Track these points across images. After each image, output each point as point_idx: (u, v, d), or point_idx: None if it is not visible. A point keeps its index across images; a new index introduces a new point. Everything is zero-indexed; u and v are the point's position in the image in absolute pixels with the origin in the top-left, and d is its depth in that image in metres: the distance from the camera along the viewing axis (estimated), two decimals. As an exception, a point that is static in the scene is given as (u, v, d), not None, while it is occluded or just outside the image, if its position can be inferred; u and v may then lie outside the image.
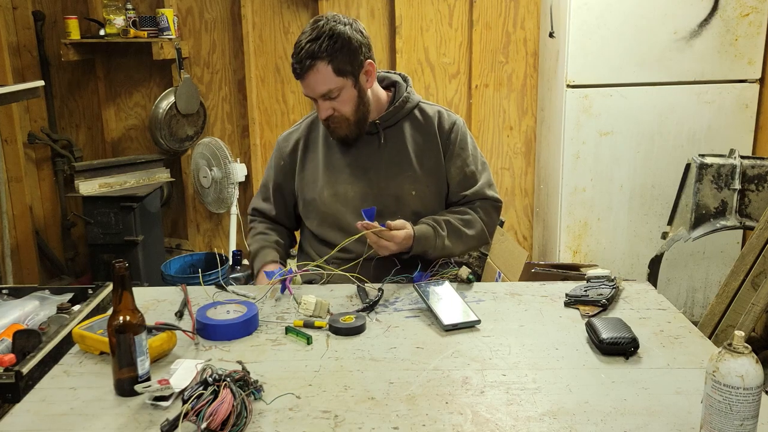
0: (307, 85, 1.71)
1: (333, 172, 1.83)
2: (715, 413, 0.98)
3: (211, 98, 3.66)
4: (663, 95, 2.96)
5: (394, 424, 1.09)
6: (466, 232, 1.80)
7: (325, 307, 1.48)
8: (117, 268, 1.18)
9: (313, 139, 1.89)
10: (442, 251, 1.76)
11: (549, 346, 1.35)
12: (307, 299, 1.48)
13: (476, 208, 1.85)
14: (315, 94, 1.72)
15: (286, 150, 1.91)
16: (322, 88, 1.70)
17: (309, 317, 1.46)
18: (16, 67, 3.44)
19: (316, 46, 1.66)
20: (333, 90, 1.70)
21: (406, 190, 1.81)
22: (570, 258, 3.12)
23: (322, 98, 1.72)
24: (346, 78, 1.71)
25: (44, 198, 3.68)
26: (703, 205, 2.57)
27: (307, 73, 1.68)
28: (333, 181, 1.82)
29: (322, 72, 1.68)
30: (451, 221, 1.79)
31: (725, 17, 2.86)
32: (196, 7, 3.54)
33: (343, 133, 1.78)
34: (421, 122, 1.85)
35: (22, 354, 1.48)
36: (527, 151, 3.55)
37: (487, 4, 3.36)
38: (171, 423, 1.05)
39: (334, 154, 1.84)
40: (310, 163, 1.87)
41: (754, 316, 2.27)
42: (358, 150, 1.83)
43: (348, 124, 1.77)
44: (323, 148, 1.86)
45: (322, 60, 1.67)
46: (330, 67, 1.68)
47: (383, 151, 1.82)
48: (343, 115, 1.75)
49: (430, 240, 1.72)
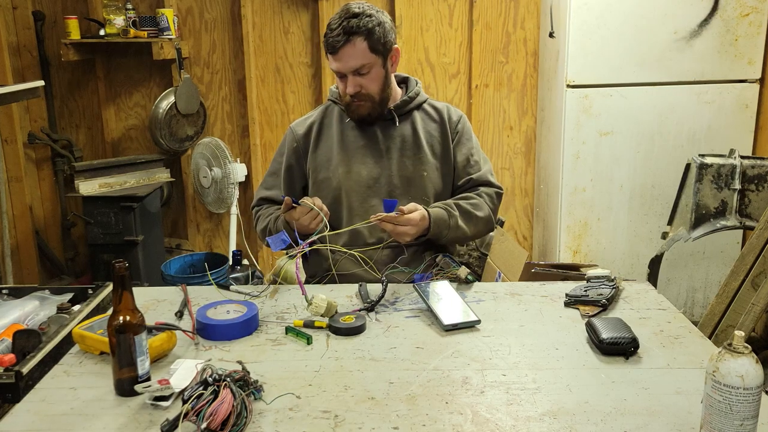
0: (341, 58, 1.76)
1: (347, 152, 1.89)
2: (715, 413, 0.98)
3: (211, 98, 3.66)
4: (663, 95, 2.96)
5: (394, 424, 1.09)
6: (476, 214, 1.84)
7: (334, 308, 1.48)
8: (117, 268, 1.18)
9: (327, 123, 1.95)
10: (456, 232, 1.80)
11: (549, 346, 1.35)
12: (318, 299, 1.47)
13: (481, 194, 1.90)
14: (347, 68, 1.77)
15: (299, 132, 1.95)
16: (356, 62, 1.76)
17: (318, 317, 1.46)
18: (16, 67, 3.44)
19: (355, 21, 1.73)
20: (365, 66, 1.77)
21: (418, 171, 1.87)
22: (570, 258, 3.12)
23: (352, 73, 1.78)
24: (378, 56, 1.78)
25: (44, 198, 3.68)
26: (703, 205, 2.57)
27: (344, 46, 1.74)
28: (347, 160, 1.88)
29: (358, 46, 1.74)
30: (460, 204, 1.84)
31: (725, 17, 2.86)
32: (196, 7, 3.54)
33: (365, 111, 1.84)
34: (432, 113, 1.95)
35: (22, 354, 1.48)
36: (527, 151, 3.55)
37: (487, 4, 3.36)
38: (171, 423, 1.05)
39: (349, 136, 1.90)
40: (324, 144, 1.92)
41: (754, 316, 2.27)
42: (372, 132, 1.89)
43: (372, 103, 1.83)
44: (337, 130, 1.91)
45: (360, 35, 1.73)
46: (366, 42, 1.74)
47: (396, 135, 1.89)
48: (369, 93, 1.82)
49: (444, 219, 1.77)
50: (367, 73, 1.78)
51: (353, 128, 1.90)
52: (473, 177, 1.91)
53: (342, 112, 1.93)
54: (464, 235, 1.84)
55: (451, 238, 1.82)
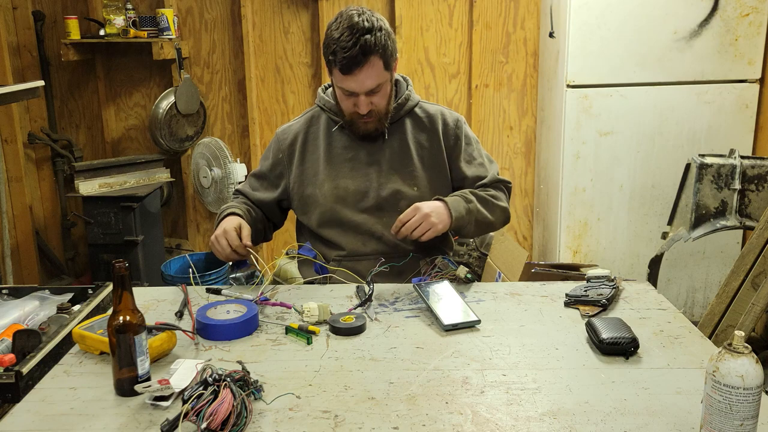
0: (357, 79, 1.64)
1: (334, 166, 1.81)
2: (715, 413, 0.98)
3: (211, 98, 3.66)
4: (663, 95, 2.96)
5: (394, 424, 1.09)
6: (494, 201, 1.80)
7: (326, 310, 1.47)
8: (117, 268, 1.18)
9: (313, 134, 1.86)
10: (478, 215, 1.74)
11: (549, 346, 1.35)
12: (309, 306, 1.46)
13: (495, 186, 1.87)
14: (363, 88, 1.66)
15: (285, 143, 1.88)
16: (372, 82, 1.66)
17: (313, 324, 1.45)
18: (16, 67, 3.44)
19: (370, 38, 1.61)
20: (381, 84, 1.68)
21: (408, 186, 1.80)
22: (570, 258, 3.12)
23: (366, 93, 1.68)
24: (389, 72, 1.70)
25: (44, 198, 3.68)
26: (703, 205, 2.57)
27: (362, 67, 1.62)
28: (334, 175, 1.81)
29: (375, 66, 1.64)
30: (475, 192, 1.79)
31: (725, 17, 2.86)
32: (196, 7, 3.54)
33: (372, 127, 1.76)
34: (423, 121, 1.86)
35: (22, 354, 1.48)
36: (527, 151, 3.55)
37: (487, 4, 3.36)
38: (171, 423, 1.05)
39: (336, 148, 1.82)
40: (311, 156, 1.85)
41: (754, 316, 2.27)
42: (360, 145, 1.82)
43: (380, 119, 1.76)
44: (324, 142, 1.84)
45: (376, 54, 1.62)
46: (381, 60, 1.64)
47: (385, 148, 1.82)
48: (379, 110, 1.73)
49: (461, 203, 1.70)
50: (379, 91, 1.69)
51: (341, 139, 1.82)
52: (485, 181, 1.86)
53: (330, 121, 1.84)
54: (486, 220, 1.77)
55: (478, 221, 1.74)
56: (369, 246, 1.79)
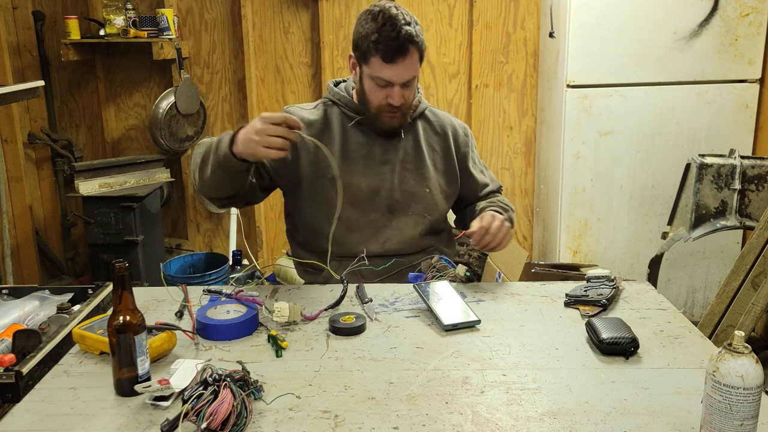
0: (399, 67, 1.64)
1: (348, 162, 1.77)
2: (715, 413, 0.98)
3: (211, 98, 3.66)
4: (663, 95, 2.96)
5: (394, 424, 1.09)
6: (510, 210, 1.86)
7: (298, 311, 1.44)
8: (117, 268, 1.18)
9: (329, 126, 1.81)
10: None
11: (549, 346, 1.35)
12: (279, 306, 1.43)
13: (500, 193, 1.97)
14: (401, 79, 1.66)
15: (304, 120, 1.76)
16: (409, 74, 1.66)
17: (285, 324, 1.43)
18: (16, 67, 3.44)
19: (411, 29, 1.61)
20: (414, 77, 1.68)
21: (420, 187, 1.81)
22: (570, 258, 3.12)
23: (401, 84, 1.67)
24: (420, 67, 1.70)
25: (44, 198, 3.68)
26: (703, 205, 2.57)
27: (405, 57, 1.62)
28: (347, 171, 1.75)
29: (414, 58, 1.64)
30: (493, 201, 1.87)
31: (725, 17, 2.86)
32: (196, 7, 3.54)
33: (398, 122, 1.76)
34: (435, 125, 1.87)
35: (22, 354, 1.48)
36: (527, 151, 3.55)
37: (487, 4, 3.36)
38: (171, 423, 1.05)
39: (351, 144, 1.79)
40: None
41: (754, 316, 2.27)
42: (375, 142, 1.80)
43: (405, 113, 1.75)
44: (340, 137, 1.79)
45: (416, 45, 1.63)
46: (418, 54, 1.66)
47: (400, 147, 1.81)
48: (407, 104, 1.73)
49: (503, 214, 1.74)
50: (411, 84, 1.69)
51: (356, 135, 1.78)
52: (490, 188, 1.93)
53: (343, 115, 1.80)
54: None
55: None
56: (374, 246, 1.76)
